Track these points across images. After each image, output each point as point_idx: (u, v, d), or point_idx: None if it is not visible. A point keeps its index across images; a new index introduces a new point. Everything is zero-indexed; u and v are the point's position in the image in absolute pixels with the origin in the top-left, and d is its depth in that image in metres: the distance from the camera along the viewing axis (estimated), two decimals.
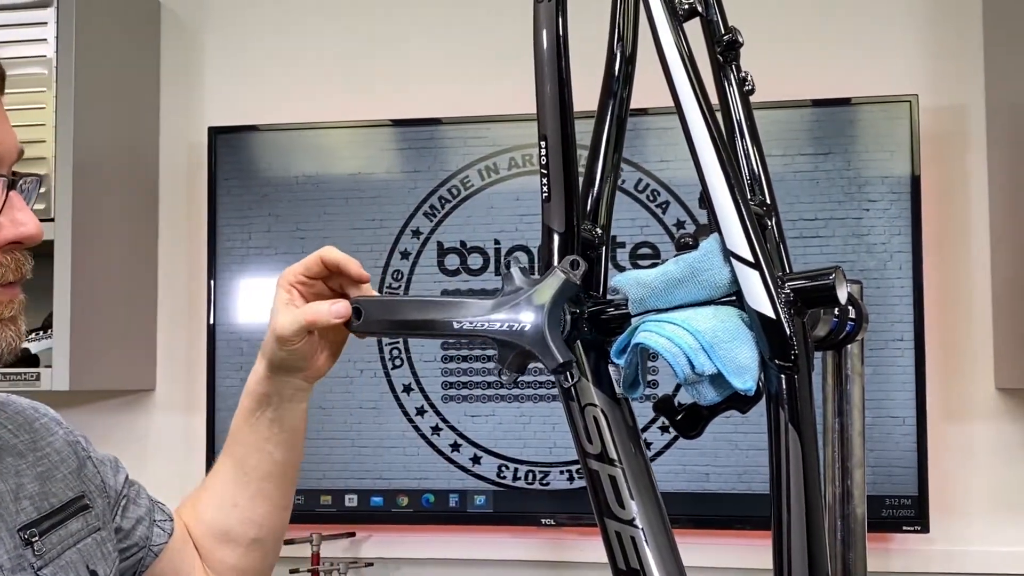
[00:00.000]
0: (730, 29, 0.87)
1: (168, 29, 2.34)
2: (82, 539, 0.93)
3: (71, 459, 0.98)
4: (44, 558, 0.87)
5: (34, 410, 1.00)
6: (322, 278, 1.01)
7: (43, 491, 0.92)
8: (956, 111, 2.06)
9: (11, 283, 0.81)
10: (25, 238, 0.81)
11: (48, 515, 0.90)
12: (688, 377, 0.73)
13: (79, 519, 0.94)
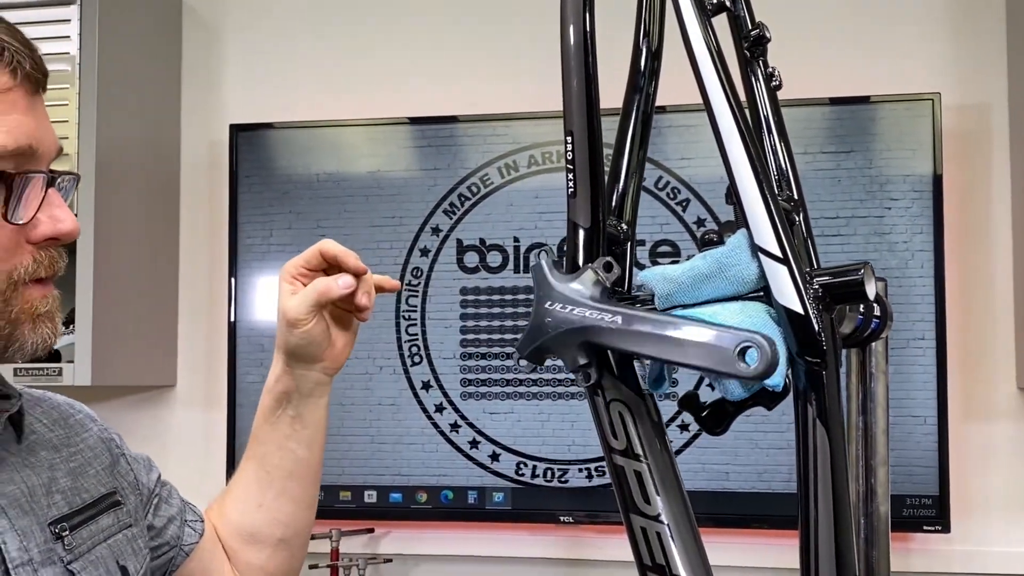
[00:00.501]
0: (757, 24, 0.87)
1: (190, 27, 2.35)
2: (113, 535, 0.94)
3: (104, 455, 0.99)
4: (74, 552, 0.87)
5: (69, 406, 1.01)
6: (322, 270, 1.03)
7: (75, 486, 0.92)
8: (978, 109, 2.04)
9: (45, 279, 0.82)
10: (62, 235, 0.82)
11: (79, 510, 0.91)
12: None
13: (110, 515, 0.95)
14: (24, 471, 0.87)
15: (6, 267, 0.79)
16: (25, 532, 0.83)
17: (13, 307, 0.79)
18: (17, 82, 0.79)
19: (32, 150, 0.79)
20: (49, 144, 0.82)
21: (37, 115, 0.81)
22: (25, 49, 0.80)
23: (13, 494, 0.84)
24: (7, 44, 0.79)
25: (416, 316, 2.13)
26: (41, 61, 0.82)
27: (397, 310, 2.14)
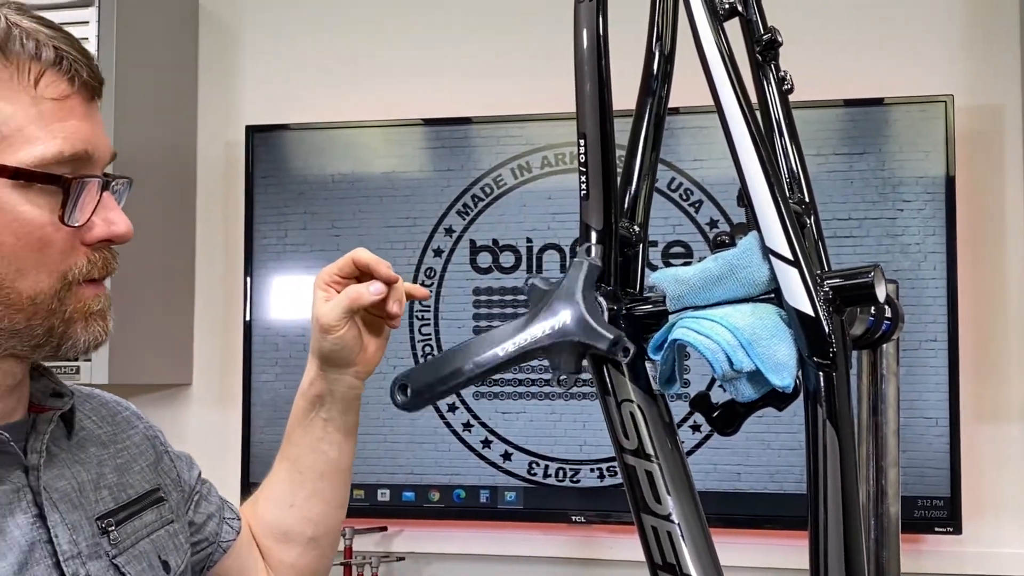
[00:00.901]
0: (769, 29, 0.88)
1: (206, 29, 2.37)
2: (155, 530, 0.96)
3: (149, 452, 1.02)
4: (119, 547, 0.90)
5: (116, 403, 1.04)
6: (354, 278, 1.07)
7: (121, 482, 0.95)
8: (992, 111, 2.04)
9: (97, 279, 0.85)
10: (116, 237, 0.85)
11: (124, 505, 0.94)
12: (726, 374, 0.74)
13: (153, 511, 0.97)
14: (75, 467, 0.90)
15: (62, 268, 0.81)
16: (75, 526, 0.86)
17: (67, 306, 0.82)
18: (75, 90, 0.81)
19: (88, 155, 0.82)
20: (104, 149, 0.84)
21: (93, 121, 0.84)
22: (83, 58, 0.83)
23: (64, 489, 0.87)
24: (66, 53, 0.81)
25: (429, 316, 2.15)
26: (97, 69, 0.85)
27: (411, 310, 2.15)
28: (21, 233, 0.79)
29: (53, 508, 0.84)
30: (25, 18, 0.81)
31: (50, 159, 0.79)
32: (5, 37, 0.79)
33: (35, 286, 0.80)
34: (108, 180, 0.85)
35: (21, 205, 0.78)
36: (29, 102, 0.79)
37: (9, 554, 0.79)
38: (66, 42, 0.82)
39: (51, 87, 0.80)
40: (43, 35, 0.81)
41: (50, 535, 0.83)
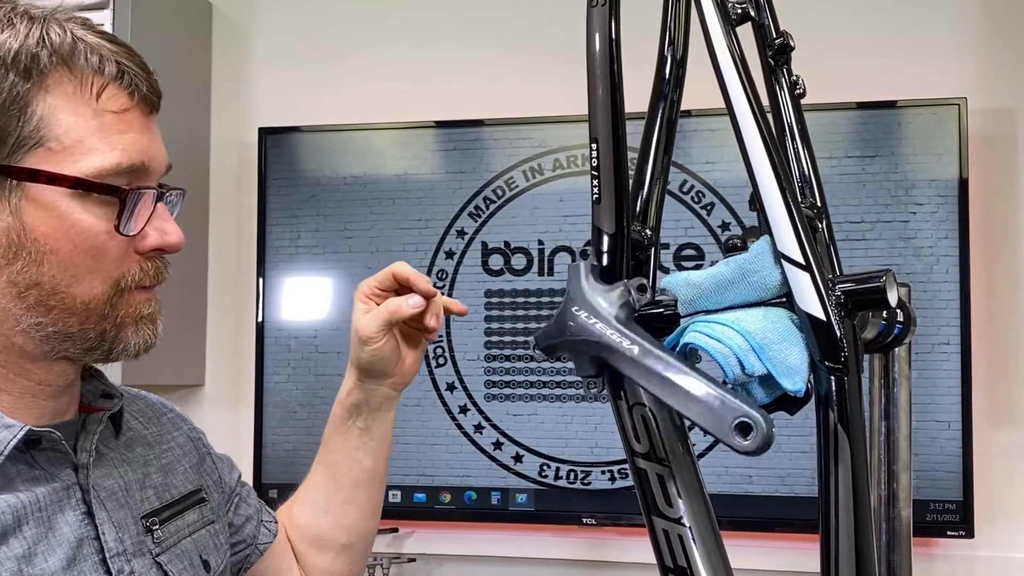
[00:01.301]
0: (781, 33, 0.88)
1: (219, 31, 2.38)
2: (197, 530, 0.99)
3: (192, 454, 1.05)
4: (162, 545, 0.92)
5: (162, 405, 1.07)
6: (393, 291, 1.10)
7: (165, 482, 0.98)
8: (1005, 114, 2.04)
9: (148, 287, 0.88)
10: (168, 246, 0.88)
11: (168, 505, 0.96)
12: (738, 378, 0.74)
13: (195, 511, 1.00)
14: (122, 467, 0.93)
15: (115, 275, 0.84)
16: (121, 524, 0.88)
17: (119, 311, 0.85)
18: (134, 103, 0.84)
19: (145, 167, 0.85)
20: (160, 161, 0.88)
21: (151, 134, 0.87)
22: (143, 73, 0.85)
23: (111, 488, 0.89)
24: (127, 68, 0.84)
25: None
26: (156, 84, 0.87)
27: None
28: (78, 240, 0.81)
29: (100, 506, 0.87)
30: (90, 33, 0.84)
31: (108, 170, 0.82)
32: (71, 51, 0.81)
33: (89, 292, 0.83)
34: (162, 191, 0.88)
35: (79, 214, 0.81)
36: (91, 114, 0.81)
37: (59, 549, 0.82)
38: (128, 57, 0.85)
39: (112, 100, 0.83)
40: (106, 50, 0.83)
41: (97, 532, 0.86)
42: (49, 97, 0.80)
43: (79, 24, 0.84)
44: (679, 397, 0.73)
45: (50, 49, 0.80)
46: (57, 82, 0.80)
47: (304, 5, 2.37)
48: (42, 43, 0.80)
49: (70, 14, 0.85)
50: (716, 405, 0.71)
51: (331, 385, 2.18)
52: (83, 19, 0.85)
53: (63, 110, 0.80)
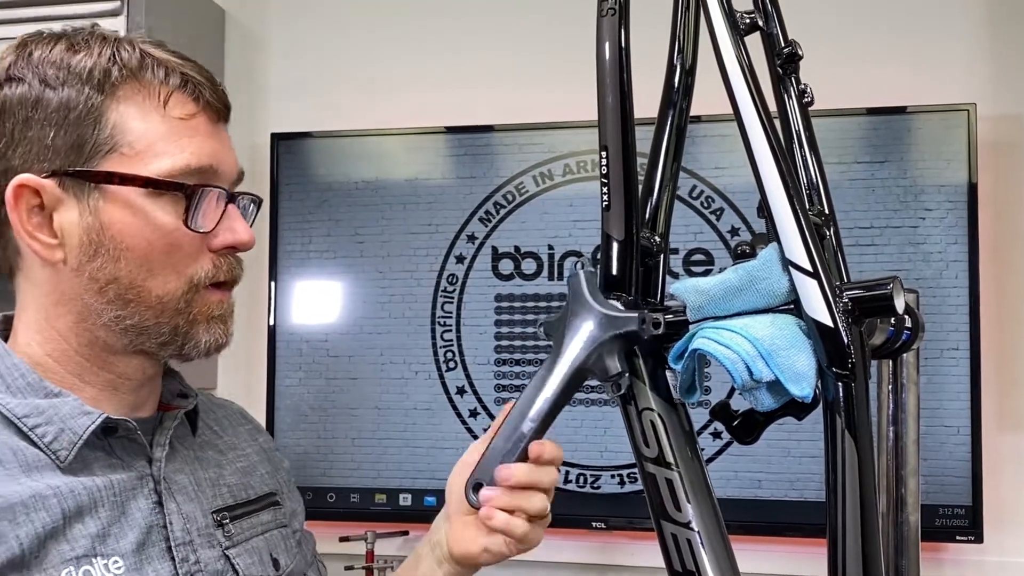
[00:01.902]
0: (790, 42, 0.88)
1: (232, 37, 2.40)
2: (269, 529, 1.03)
3: (266, 463, 1.10)
4: (232, 539, 0.97)
5: (242, 415, 1.13)
6: None
7: (242, 483, 1.03)
8: (1014, 120, 2.04)
9: (222, 284, 0.92)
10: (238, 244, 0.92)
11: (243, 503, 1.01)
12: (746, 383, 0.75)
13: (270, 512, 1.05)
14: (194, 464, 0.98)
15: (188, 271, 0.90)
16: (189, 516, 0.93)
17: (193, 308, 0.90)
18: (200, 109, 0.90)
19: (213, 169, 0.90)
20: (230, 166, 0.93)
21: (218, 139, 0.92)
22: (207, 82, 0.91)
23: (182, 482, 0.94)
24: (191, 77, 0.90)
25: (451, 322, 2.16)
26: (223, 94, 0.94)
27: (432, 316, 2.16)
28: (151, 236, 0.87)
29: (170, 497, 0.92)
30: (159, 50, 0.91)
31: (177, 171, 0.88)
32: (139, 65, 0.88)
33: (163, 286, 0.89)
34: (234, 194, 0.93)
35: (151, 211, 0.87)
36: (159, 120, 0.88)
37: (130, 533, 0.88)
38: (194, 69, 0.91)
39: (178, 107, 0.89)
40: (173, 63, 0.90)
41: (165, 521, 0.91)
42: (121, 107, 0.87)
43: (150, 44, 0.91)
44: (510, 425, 0.89)
45: (120, 65, 0.87)
46: (127, 93, 0.87)
47: (316, 12, 2.38)
48: (113, 60, 0.87)
49: (143, 36, 0.92)
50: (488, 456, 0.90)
51: (341, 389, 2.19)
52: (156, 41, 0.92)
53: (134, 118, 0.87)
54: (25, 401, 0.87)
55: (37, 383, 0.88)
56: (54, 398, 0.88)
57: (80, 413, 0.87)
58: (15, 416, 0.86)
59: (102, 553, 0.85)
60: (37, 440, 0.86)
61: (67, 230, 0.87)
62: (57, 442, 0.86)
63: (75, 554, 0.83)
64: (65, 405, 0.87)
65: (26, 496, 0.82)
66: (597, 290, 0.84)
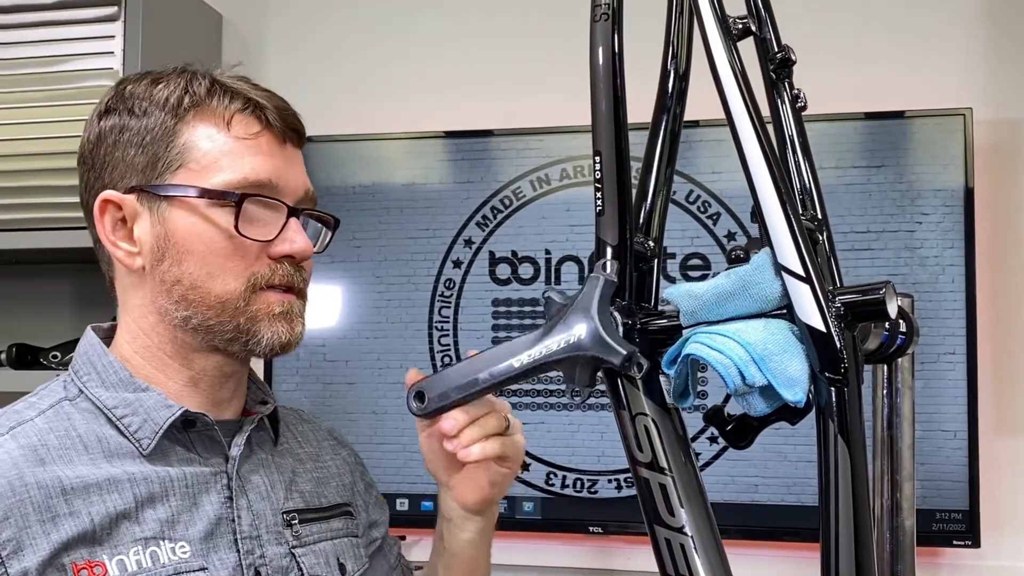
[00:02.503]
0: (783, 47, 0.89)
1: (229, 42, 2.40)
2: (339, 536, 1.09)
3: (348, 476, 1.18)
4: (301, 540, 1.04)
5: (328, 432, 1.22)
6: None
7: (316, 491, 1.10)
8: (1010, 125, 2.04)
9: (282, 287, 1.00)
10: (293, 252, 0.99)
11: (314, 509, 1.08)
12: (739, 388, 0.75)
13: (341, 520, 1.11)
14: (270, 467, 1.05)
15: (246, 273, 0.97)
16: (259, 514, 1.00)
17: (252, 307, 0.97)
18: (262, 129, 0.99)
19: (272, 184, 0.98)
20: (294, 183, 1.01)
21: (282, 158, 1.00)
22: (271, 106, 1.00)
23: (256, 482, 1.02)
24: (256, 101, 0.99)
25: (448, 327, 2.16)
26: (289, 116, 1.02)
27: (430, 321, 2.17)
28: (208, 241, 0.96)
29: (242, 495, 1.00)
30: (233, 80, 1.01)
31: (235, 183, 0.96)
32: (207, 93, 0.99)
33: (223, 287, 0.97)
34: (296, 209, 1.00)
35: (209, 218, 0.96)
36: (224, 140, 0.97)
37: (199, 522, 0.95)
38: (262, 95, 1.01)
39: (241, 127, 0.98)
40: (240, 87, 1.00)
41: (234, 515, 0.98)
42: (191, 129, 0.97)
43: (231, 76, 1.02)
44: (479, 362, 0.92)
45: (191, 93, 0.98)
46: (196, 117, 0.97)
47: (313, 17, 2.39)
48: (186, 89, 0.98)
49: (222, 71, 1.02)
50: (439, 377, 0.95)
51: (339, 393, 2.19)
52: (239, 76, 1.03)
53: (202, 138, 0.97)
54: (116, 394, 0.97)
55: (128, 379, 0.98)
56: (141, 392, 0.97)
57: (163, 406, 0.97)
58: (106, 407, 0.97)
59: (170, 537, 0.93)
60: (124, 429, 0.96)
61: (143, 239, 0.97)
62: (141, 431, 0.96)
63: (144, 535, 0.91)
64: (150, 399, 0.97)
65: (102, 479, 0.92)
66: (606, 302, 0.83)
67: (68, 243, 2.05)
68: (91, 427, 0.95)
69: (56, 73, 2.06)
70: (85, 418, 0.96)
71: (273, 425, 1.09)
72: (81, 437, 0.95)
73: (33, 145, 2.06)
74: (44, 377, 2.00)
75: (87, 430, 0.95)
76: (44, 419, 0.95)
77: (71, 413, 0.97)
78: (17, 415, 0.96)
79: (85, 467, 0.92)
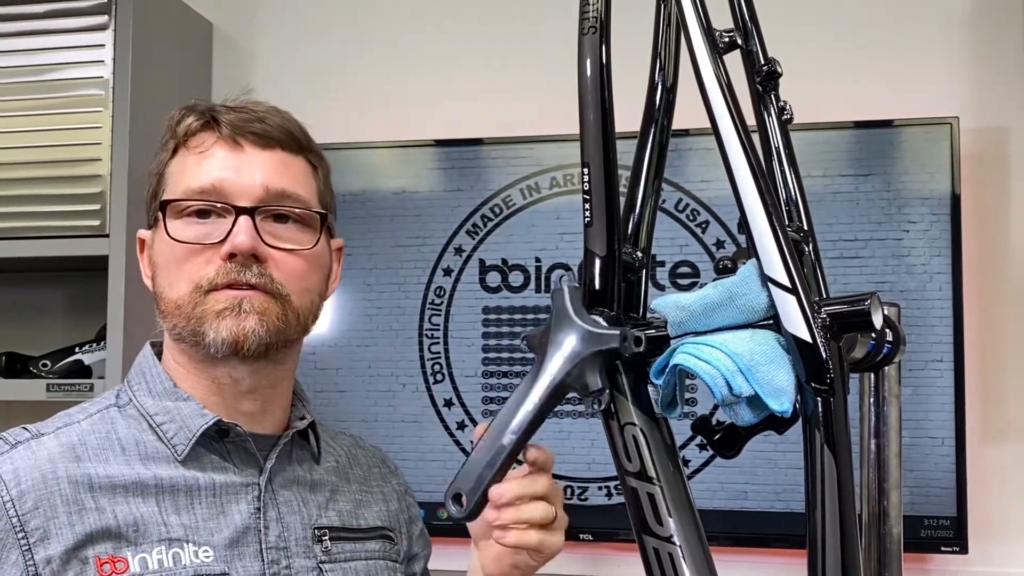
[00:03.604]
0: (769, 60, 0.89)
1: (220, 50, 2.40)
2: (374, 559, 1.11)
3: (395, 503, 1.19)
4: (331, 556, 1.06)
5: (381, 460, 1.24)
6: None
7: (355, 512, 1.12)
8: (996, 133, 2.06)
9: (221, 285, 1.00)
10: (234, 248, 1.00)
11: (350, 529, 1.09)
12: (726, 398, 0.75)
13: (379, 543, 1.13)
14: (304, 483, 1.08)
15: (195, 277, 1.01)
16: (288, 527, 1.03)
17: (200, 308, 1.00)
18: (215, 140, 1.04)
19: (215, 188, 1.02)
20: (246, 186, 1.02)
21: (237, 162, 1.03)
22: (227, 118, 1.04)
23: (287, 496, 1.05)
24: (215, 117, 1.04)
25: (439, 335, 2.16)
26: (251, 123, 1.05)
27: (420, 329, 2.17)
28: (166, 253, 1.02)
29: (272, 507, 1.03)
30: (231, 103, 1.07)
31: (180, 195, 1.02)
32: (178, 123, 1.06)
33: (177, 293, 1.01)
34: (251, 208, 1.01)
35: (163, 230, 1.02)
36: (182, 159, 1.05)
37: (226, 529, 0.99)
38: (234, 111, 1.05)
39: (196, 142, 1.04)
40: (208, 109, 1.05)
41: (261, 526, 1.01)
42: (173, 161, 1.05)
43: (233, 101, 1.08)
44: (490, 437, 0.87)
45: (171, 129, 1.06)
46: (180, 150, 1.05)
47: (304, 25, 2.39)
48: (177, 124, 1.05)
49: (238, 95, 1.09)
50: (482, 471, 0.86)
51: (329, 402, 2.19)
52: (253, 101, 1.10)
53: (174, 164, 1.05)
54: (159, 403, 1.03)
55: (171, 389, 1.04)
56: (181, 401, 1.03)
57: (198, 415, 1.02)
58: (149, 414, 1.03)
59: (194, 540, 0.96)
60: (162, 435, 1.01)
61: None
62: (177, 437, 1.01)
63: (168, 536, 0.95)
64: (187, 407, 1.02)
65: (130, 481, 0.97)
66: (580, 305, 0.85)
67: (58, 252, 2.05)
68: (132, 432, 1.02)
69: (47, 82, 2.06)
70: (129, 424, 1.02)
71: (315, 442, 1.11)
72: (120, 440, 1.01)
73: (24, 154, 2.06)
74: (34, 386, 2.03)
75: (128, 434, 1.01)
76: (89, 422, 1.02)
77: (116, 418, 1.03)
78: (67, 417, 1.04)
79: (118, 467, 0.98)
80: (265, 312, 1.01)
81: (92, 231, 2.03)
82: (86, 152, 2.03)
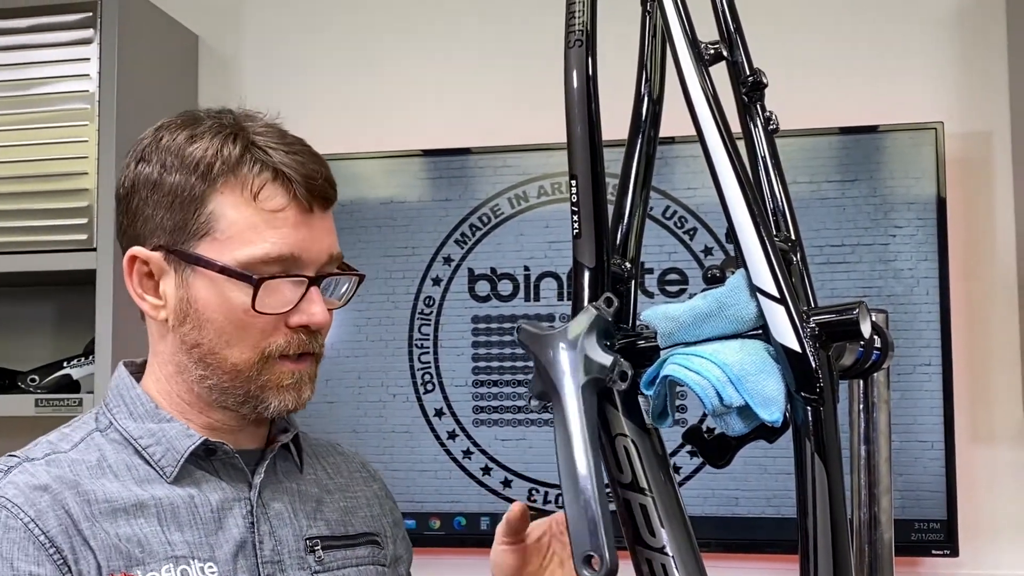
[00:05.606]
0: (755, 71, 0.90)
1: (206, 63, 2.40)
2: (364, 564, 1.12)
3: (377, 507, 1.18)
4: (323, 565, 1.07)
5: (361, 464, 1.23)
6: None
7: (342, 520, 1.12)
8: (981, 138, 2.07)
9: (293, 356, 1.02)
10: (311, 324, 1.01)
11: (339, 536, 1.10)
12: (716, 409, 0.75)
13: (367, 548, 1.13)
14: (293, 495, 1.08)
15: (262, 344, 1.00)
16: (281, 539, 1.04)
17: (264, 376, 1.01)
18: (289, 201, 1.00)
19: (294, 257, 0.99)
20: (317, 253, 1.02)
21: (308, 228, 1.01)
22: (300, 176, 1.00)
23: (278, 509, 1.06)
24: (283, 172, 1.00)
25: (428, 344, 2.16)
26: (319, 184, 1.01)
27: (410, 339, 2.17)
28: (227, 313, 0.99)
29: (264, 521, 1.04)
30: (270, 140, 1.01)
31: (257, 259, 0.98)
32: (238, 161, 0.99)
33: (238, 356, 1.00)
34: (318, 278, 1.02)
35: (228, 292, 0.99)
36: (251, 212, 0.98)
37: (226, 544, 1.00)
38: (294, 160, 1.01)
39: (269, 200, 0.99)
40: (274, 155, 1.00)
41: (256, 540, 1.02)
42: (219, 197, 0.98)
43: (266, 134, 1.02)
44: (570, 491, 0.76)
45: (223, 159, 0.99)
46: (226, 185, 0.99)
47: (289, 37, 2.39)
48: (217, 154, 0.99)
49: (263, 123, 1.04)
50: (588, 524, 0.74)
51: (319, 412, 2.18)
52: (278, 130, 1.04)
53: (229, 207, 0.98)
54: (142, 425, 1.02)
55: (153, 411, 1.03)
56: (165, 423, 1.02)
57: (184, 435, 1.02)
58: (132, 437, 1.02)
59: (199, 557, 0.98)
60: (148, 458, 1.01)
61: (168, 295, 1.01)
62: (164, 460, 1.01)
63: (175, 554, 0.97)
64: (172, 429, 1.02)
65: (130, 503, 0.98)
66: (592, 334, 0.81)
67: (46, 266, 2.05)
68: (120, 456, 1.01)
69: (32, 96, 2.06)
70: (115, 448, 1.02)
71: (298, 453, 1.12)
72: (111, 466, 1.00)
73: (10, 168, 2.06)
74: (21, 401, 2.02)
75: (117, 460, 1.01)
76: (76, 451, 1.01)
77: (102, 444, 1.02)
78: (51, 445, 1.02)
79: (116, 491, 0.98)
80: (313, 377, 1.05)
81: (79, 245, 2.03)
82: (72, 166, 2.03)
